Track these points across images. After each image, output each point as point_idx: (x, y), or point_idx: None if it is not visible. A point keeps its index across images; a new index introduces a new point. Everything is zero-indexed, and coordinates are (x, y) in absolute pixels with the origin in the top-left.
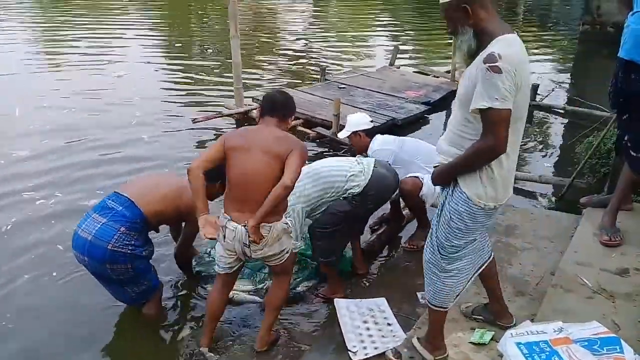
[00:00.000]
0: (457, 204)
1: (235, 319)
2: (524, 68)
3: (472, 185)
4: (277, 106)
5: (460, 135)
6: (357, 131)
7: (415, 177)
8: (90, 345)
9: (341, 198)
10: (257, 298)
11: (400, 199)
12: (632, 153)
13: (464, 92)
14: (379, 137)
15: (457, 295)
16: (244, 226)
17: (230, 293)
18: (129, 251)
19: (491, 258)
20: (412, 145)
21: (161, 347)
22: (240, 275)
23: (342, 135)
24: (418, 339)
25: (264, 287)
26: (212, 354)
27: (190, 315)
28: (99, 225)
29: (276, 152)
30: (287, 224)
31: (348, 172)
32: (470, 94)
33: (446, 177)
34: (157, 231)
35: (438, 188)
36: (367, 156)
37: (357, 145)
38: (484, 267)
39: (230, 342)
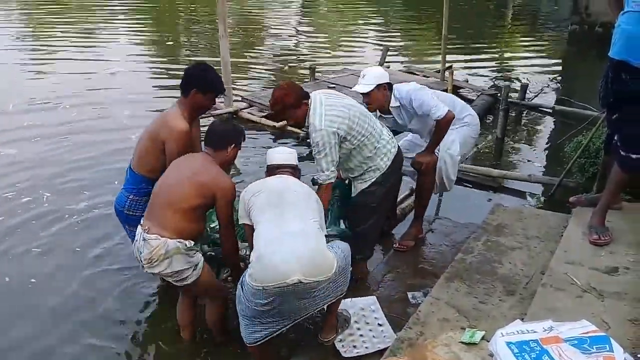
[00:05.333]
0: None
1: None
2: None
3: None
4: (211, 138)
5: None
6: (381, 84)
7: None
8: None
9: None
10: None
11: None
12: (622, 152)
13: None
14: (397, 85)
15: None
16: (146, 231)
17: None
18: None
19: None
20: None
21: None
22: None
23: (364, 89)
24: None
25: None
26: None
27: None
28: (119, 193)
29: (199, 180)
30: (187, 249)
31: (382, 130)
32: None
33: None
34: None
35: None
36: (384, 113)
37: (376, 102)
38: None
39: None
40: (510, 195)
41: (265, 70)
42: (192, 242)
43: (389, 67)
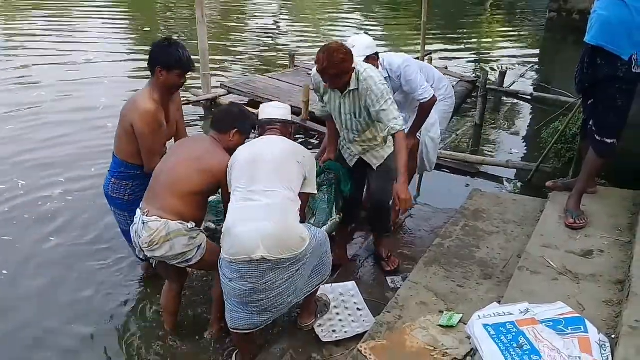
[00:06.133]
0: None
1: None
2: None
3: None
4: (214, 121)
5: None
6: (370, 55)
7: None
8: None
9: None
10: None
11: None
12: (597, 137)
13: None
14: (388, 55)
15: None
16: (145, 214)
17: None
18: (125, 198)
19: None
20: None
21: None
22: None
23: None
24: None
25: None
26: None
27: None
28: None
29: (202, 164)
30: (189, 230)
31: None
32: None
33: None
34: None
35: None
36: None
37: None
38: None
39: None
40: (488, 181)
41: (245, 57)
42: (194, 224)
43: None
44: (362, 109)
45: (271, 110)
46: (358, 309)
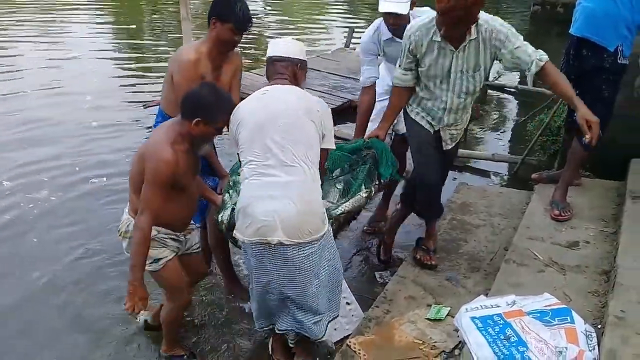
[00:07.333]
0: None
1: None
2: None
3: None
4: (180, 102)
5: None
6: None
7: None
8: None
9: None
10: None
11: None
12: None
13: None
14: (422, 10)
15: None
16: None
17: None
18: None
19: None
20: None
21: None
22: None
23: (404, 9)
24: None
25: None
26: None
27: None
28: None
29: (140, 151)
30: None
31: None
32: None
33: None
34: None
35: None
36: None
37: (405, 24)
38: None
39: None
40: (474, 174)
41: None
42: (164, 230)
43: (354, 49)
44: (480, 62)
45: (282, 45)
46: (347, 303)
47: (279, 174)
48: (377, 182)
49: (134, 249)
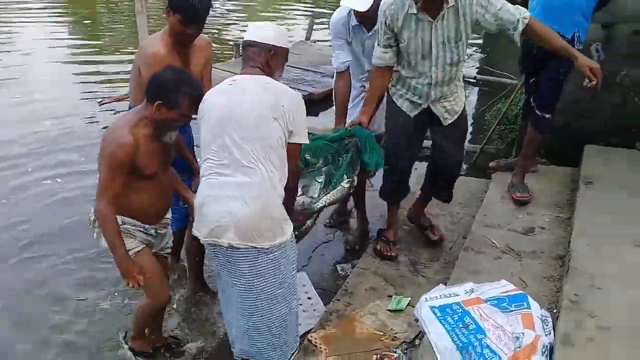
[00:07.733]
0: None
1: None
2: None
3: None
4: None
5: None
6: None
7: None
8: None
9: None
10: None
11: None
12: (538, 112)
13: None
14: None
15: None
16: None
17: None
18: None
19: None
20: None
21: None
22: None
23: (366, 5)
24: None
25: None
26: None
27: None
28: None
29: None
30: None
31: None
32: None
33: None
34: None
35: None
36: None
37: (373, 17)
38: None
39: None
40: None
41: None
42: (130, 221)
43: (315, 42)
44: (462, 30)
45: (254, 29)
46: (309, 297)
47: (235, 174)
48: (359, 171)
49: (102, 231)
